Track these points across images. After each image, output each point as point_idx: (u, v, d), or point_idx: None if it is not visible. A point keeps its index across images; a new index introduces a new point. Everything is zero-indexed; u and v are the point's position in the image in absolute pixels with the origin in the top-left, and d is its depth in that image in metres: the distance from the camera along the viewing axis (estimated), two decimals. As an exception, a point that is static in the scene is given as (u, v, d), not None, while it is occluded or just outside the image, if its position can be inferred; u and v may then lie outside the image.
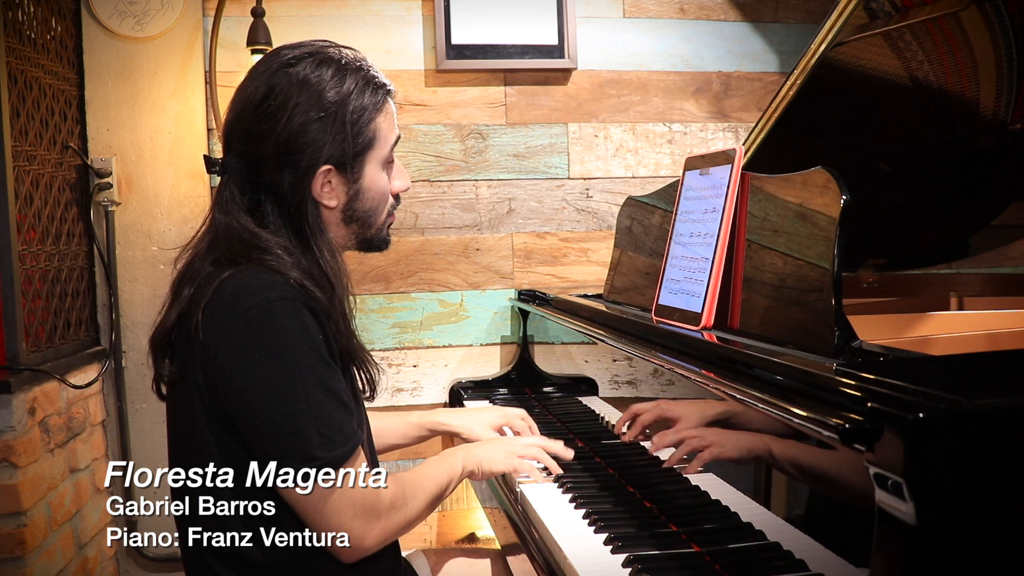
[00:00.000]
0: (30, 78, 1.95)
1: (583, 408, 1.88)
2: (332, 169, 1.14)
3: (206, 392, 1.06)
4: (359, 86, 1.14)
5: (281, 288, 1.05)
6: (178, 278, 1.15)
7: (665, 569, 1.08)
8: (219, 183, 1.17)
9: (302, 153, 1.11)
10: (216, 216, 1.15)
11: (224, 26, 2.32)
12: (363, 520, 1.08)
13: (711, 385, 1.15)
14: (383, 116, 1.17)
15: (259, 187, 1.14)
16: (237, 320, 1.03)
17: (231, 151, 1.15)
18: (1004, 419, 0.73)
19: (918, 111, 1.79)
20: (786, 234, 1.26)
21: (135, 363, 2.31)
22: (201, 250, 1.15)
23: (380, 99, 1.16)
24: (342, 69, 1.13)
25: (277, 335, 1.03)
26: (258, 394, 1.03)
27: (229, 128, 1.16)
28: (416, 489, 1.18)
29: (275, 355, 1.03)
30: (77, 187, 2.22)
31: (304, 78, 1.11)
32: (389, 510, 1.11)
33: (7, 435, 1.71)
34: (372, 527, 1.09)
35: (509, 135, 2.54)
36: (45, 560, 1.81)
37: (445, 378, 2.50)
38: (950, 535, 0.71)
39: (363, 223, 1.20)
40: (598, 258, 2.56)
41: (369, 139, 1.15)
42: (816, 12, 2.65)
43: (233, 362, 1.03)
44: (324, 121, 1.11)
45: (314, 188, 1.14)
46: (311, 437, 1.03)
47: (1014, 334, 1.45)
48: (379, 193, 1.19)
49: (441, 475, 1.26)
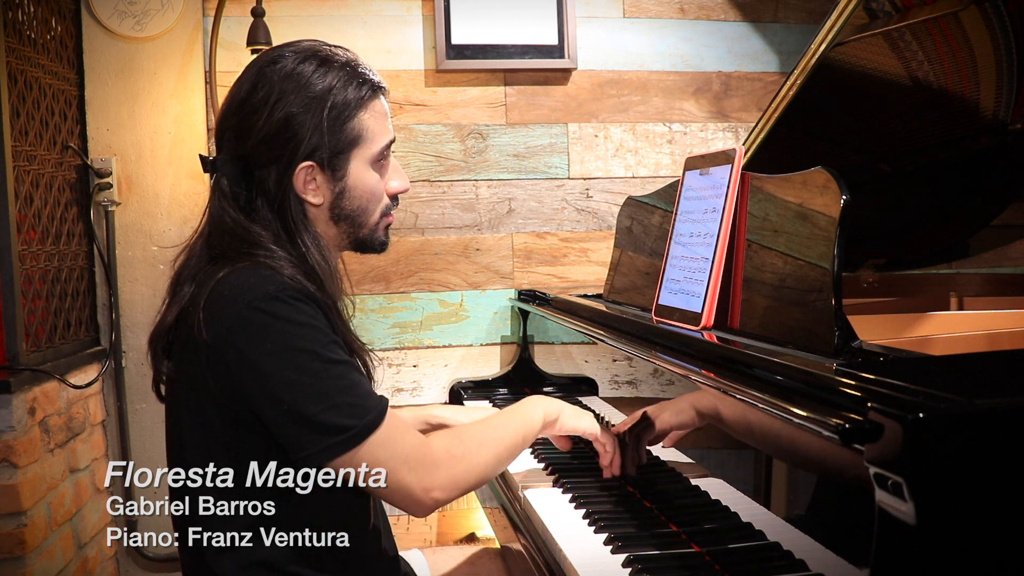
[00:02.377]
0: (30, 78, 1.95)
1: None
2: (314, 166, 1.12)
3: (217, 391, 1.05)
4: (342, 81, 1.12)
5: (277, 282, 1.05)
6: (176, 276, 1.15)
7: (665, 569, 1.08)
8: (213, 181, 1.18)
9: (284, 147, 1.11)
10: (210, 214, 1.16)
11: (224, 26, 2.33)
12: (421, 473, 1.06)
13: (711, 385, 1.15)
14: (368, 113, 1.14)
15: (249, 183, 1.14)
16: (239, 317, 1.03)
17: (222, 149, 1.15)
18: (1004, 419, 0.73)
19: (918, 111, 1.79)
20: (786, 234, 1.26)
21: (135, 363, 2.31)
22: (197, 248, 1.16)
23: (365, 95, 1.14)
24: (326, 64, 1.12)
25: (281, 325, 1.03)
26: (276, 385, 1.02)
27: (220, 126, 1.16)
28: (480, 439, 1.15)
29: (284, 344, 1.02)
30: (77, 187, 2.22)
31: (287, 73, 1.11)
32: (449, 459, 1.09)
33: (7, 435, 1.71)
34: (433, 478, 1.07)
35: (509, 135, 2.54)
36: (45, 560, 1.81)
37: (445, 378, 2.50)
38: (950, 535, 0.71)
39: (352, 222, 1.18)
40: (598, 258, 2.56)
41: (353, 136, 1.13)
42: (816, 12, 2.65)
43: (245, 359, 1.03)
44: (305, 115, 1.10)
45: (296, 184, 1.13)
46: (343, 411, 1.02)
47: (1014, 334, 1.45)
48: (367, 192, 1.17)
49: (514, 426, 1.22)
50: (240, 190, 1.14)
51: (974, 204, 1.99)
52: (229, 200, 1.13)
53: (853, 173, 1.24)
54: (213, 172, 1.17)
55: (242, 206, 1.14)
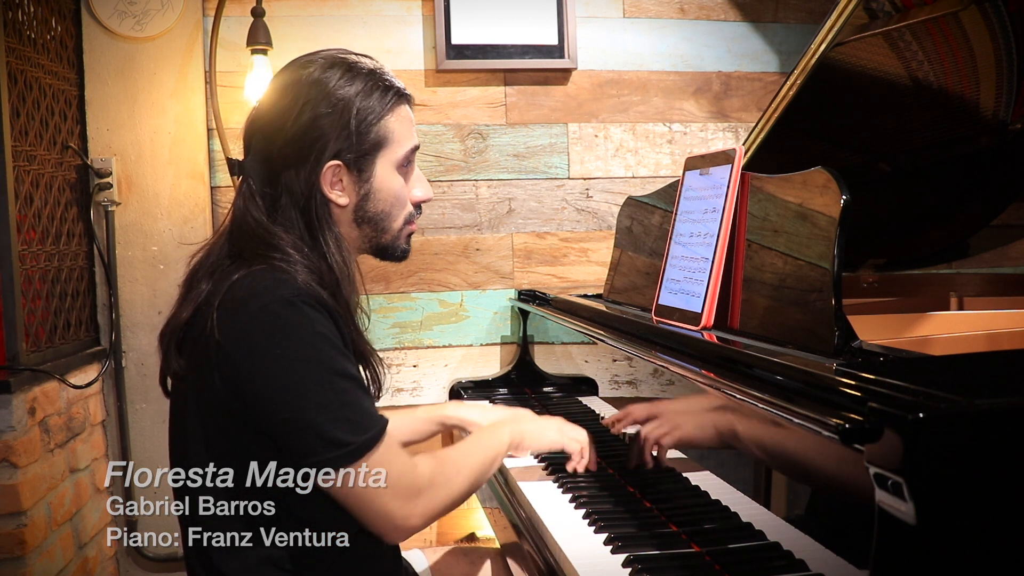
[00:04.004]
0: (30, 78, 1.95)
1: (583, 408, 1.88)
2: (341, 166, 1.15)
3: (224, 391, 1.05)
4: (368, 86, 1.16)
5: (292, 287, 1.06)
6: (192, 272, 1.16)
7: (665, 569, 1.08)
8: (239, 182, 1.21)
9: (311, 148, 1.14)
10: (234, 215, 1.18)
11: (224, 26, 2.32)
12: (404, 500, 1.08)
13: (711, 385, 1.15)
14: (394, 117, 1.18)
15: (275, 184, 1.16)
16: (252, 319, 1.04)
17: (249, 152, 1.18)
18: (1004, 419, 0.73)
19: (918, 111, 1.80)
20: (786, 234, 1.26)
21: (135, 363, 2.31)
22: (217, 245, 1.17)
23: (391, 100, 1.18)
24: (352, 70, 1.16)
25: (293, 331, 1.04)
26: (282, 390, 1.03)
27: (248, 131, 1.19)
28: (458, 465, 1.18)
29: (294, 350, 1.03)
30: (77, 187, 2.22)
31: (316, 78, 1.15)
32: (430, 487, 1.11)
33: (7, 435, 1.71)
34: (414, 506, 1.09)
35: (509, 135, 2.54)
36: (45, 560, 1.81)
37: (445, 378, 2.50)
38: (950, 535, 0.71)
39: (375, 226, 1.21)
40: (598, 258, 2.56)
41: (379, 138, 1.17)
42: (816, 12, 2.65)
43: (252, 361, 1.03)
44: (332, 116, 1.13)
45: (323, 184, 1.15)
46: (341, 425, 1.03)
47: (1014, 334, 1.45)
48: (392, 195, 1.20)
49: (485, 450, 1.25)
50: (266, 191, 1.16)
51: (974, 204, 1.99)
52: (254, 201, 1.15)
53: (853, 173, 1.24)
54: (240, 175, 1.20)
55: (267, 207, 1.15)
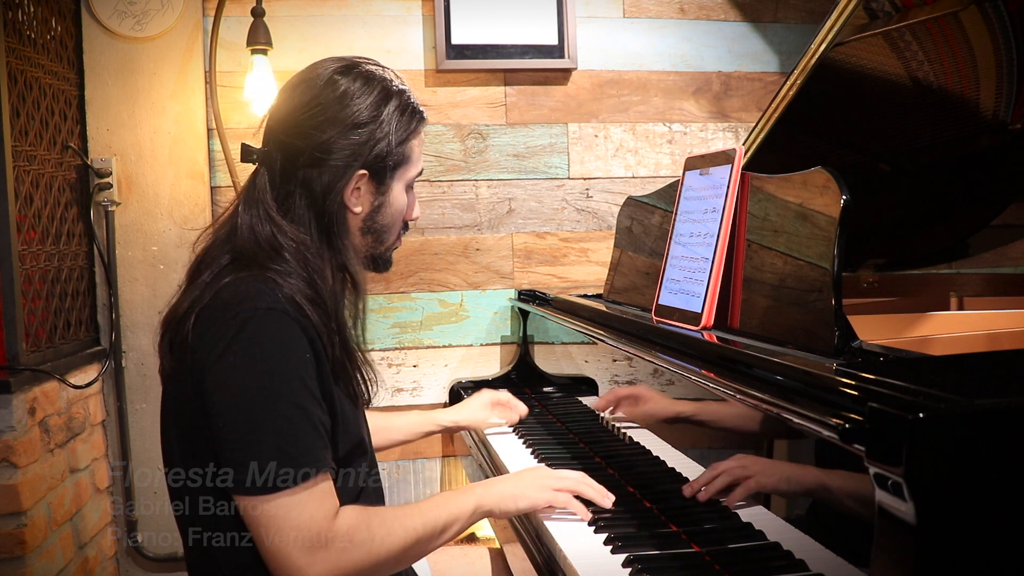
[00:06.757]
0: (30, 78, 1.95)
1: (583, 408, 1.88)
2: (367, 175, 1.17)
3: (192, 394, 1.06)
4: (402, 105, 1.20)
5: (271, 299, 1.05)
6: (196, 263, 1.16)
7: (665, 569, 1.08)
8: (252, 172, 1.20)
9: (342, 153, 1.15)
10: (240, 208, 1.16)
11: (224, 26, 2.32)
12: (305, 550, 1.00)
13: (711, 385, 1.15)
14: (417, 141, 1.24)
15: (293, 180, 1.16)
16: (223, 325, 1.04)
17: (272, 143, 1.17)
18: (1004, 419, 0.73)
19: (918, 111, 1.79)
20: (786, 234, 1.26)
21: (135, 363, 2.31)
22: (221, 236, 1.17)
23: (416, 122, 1.22)
24: (391, 86, 1.20)
25: (255, 342, 1.03)
26: (225, 396, 1.02)
27: (272, 121, 1.19)
28: (393, 524, 1.09)
29: (248, 361, 1.02)
30: (77, 187, 2.22)
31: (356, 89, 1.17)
32: (342, 543, 1.02)
33: (7, 435, 1.71)
34: (316, 559, 1.00)
35: (509, 135, 2.54)
36: (45, 560, 1.81)
37: (445, 378, 2.50)
38: (950, 535, 0.71)
39: (377, 237, 1.24)
40: (598, 258, 2.56)
41: (402, 157, 1.21)
42: (816, 12, 2.65)
43: (210, 364, 1.03)
44: (371, 127, 1.16)
45: (345, 189, 1.16)
46: (266, 449, 1.00)
47: (1014, 334, 1.45)
48: (397, 211, 1.24)
49: (438, 513, 1.14)
50: (280, 184, 1.16)
51: (974, 204, 1.99)
52: (265, 192, 1.15)
53: (853, 173, 1.24)
54: (257, 162, 1.19)
55: (278, 200, 1.15)
